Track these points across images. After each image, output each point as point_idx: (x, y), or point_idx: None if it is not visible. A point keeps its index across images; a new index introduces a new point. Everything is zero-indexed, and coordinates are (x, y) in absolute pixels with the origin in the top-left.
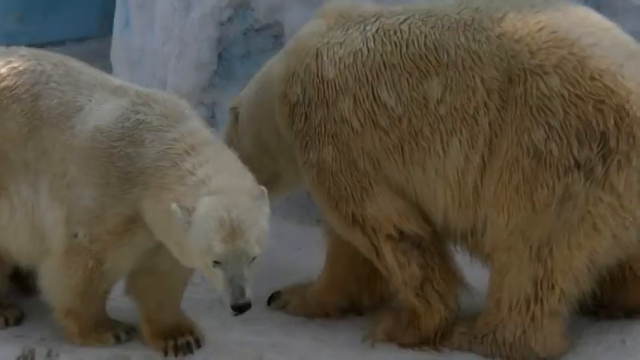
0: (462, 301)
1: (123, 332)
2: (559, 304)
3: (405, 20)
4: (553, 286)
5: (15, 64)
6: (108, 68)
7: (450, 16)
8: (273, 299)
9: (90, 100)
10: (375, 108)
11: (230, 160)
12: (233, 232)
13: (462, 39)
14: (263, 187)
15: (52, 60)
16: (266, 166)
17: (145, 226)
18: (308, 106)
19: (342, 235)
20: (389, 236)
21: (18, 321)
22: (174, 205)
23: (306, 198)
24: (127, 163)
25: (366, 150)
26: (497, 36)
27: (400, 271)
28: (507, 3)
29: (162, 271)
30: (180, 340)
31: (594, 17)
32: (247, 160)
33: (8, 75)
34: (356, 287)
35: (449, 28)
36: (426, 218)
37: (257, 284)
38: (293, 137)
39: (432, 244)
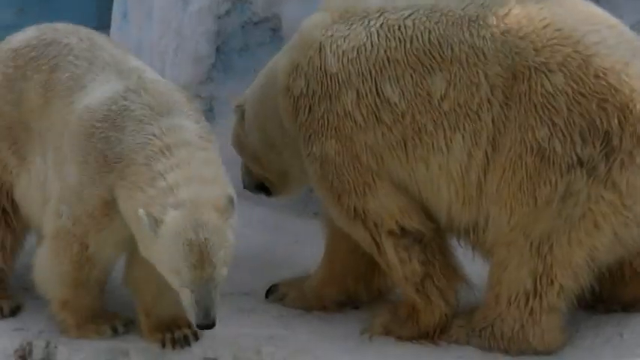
0: (460, 295)
1: (120, 324)
2: (558, 300)
3: (410, 16)
4: (552, 282)
5: (45, 36)
6: None
7: (455, 12)
8: (270, 292)
9: (94, 79)
10: (378, 103)
11: (203, 164)
12: (201, 257)
13: (467, 35)
14: (231, 194)
15: (80, 34)
16: (273, 164)
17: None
18: (311, 99)
19: (344, 229)
20: (390, 232)
21: (13, 312)
22: (141, 211)
23: (303, 191)
24: (105, 147)
25: (369, 144)
26: (502, 33)
27: (401, 266)
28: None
29: (152, 265)
30: (178, 333)
31: (600, 14)
32: (255, 158)
33: (37, 46)
34: (353, 281)
35: (453, 24)
36: (428, 214)
37: (255, 277)
38: (297, 130)
39: (433, 240)
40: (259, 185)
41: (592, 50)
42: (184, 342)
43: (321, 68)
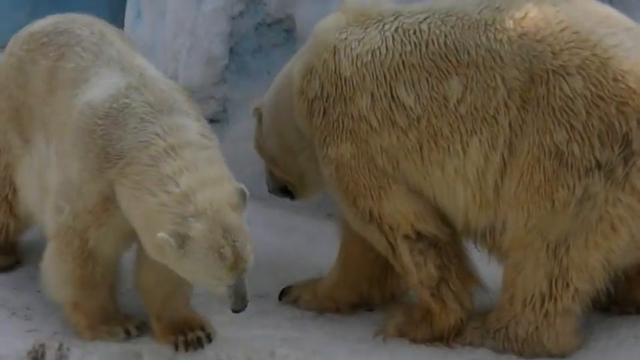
0: (475, 298)
1: (133, 327)
2: (573, 302)
3: (425, 20)
4: (568, 285)
5: (60, 25)
6: None
7: (471, 16)
8: (284, 294)
9: (97, 73)
10: (394, 107)
11: (208, 163)
12: (235, 259)
13: (483, 39)
14: (240, 187)
15: (93, 27)
16: (291, 168)
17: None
18: (326, 102)
19: (359, 232)
20: (406, 236)
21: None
22: (164, 236)
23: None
24: (107, 143)
25: (384, 148)
26: (519, 36)
27: (416, 270)
28: (529, 2)
29: (160, 266)
30: (191, 335)
31: (616, 17)
32: (274, 161)
33: (50, 33)
34: (367, 284)
35: (469, 27)
36: (444, 218)
37: (268, 279)
38: (312, 133)
39: (448, 245)
40: (282, 189)
41: (610, 53)
42: (197, 344)
43: (335, 71)
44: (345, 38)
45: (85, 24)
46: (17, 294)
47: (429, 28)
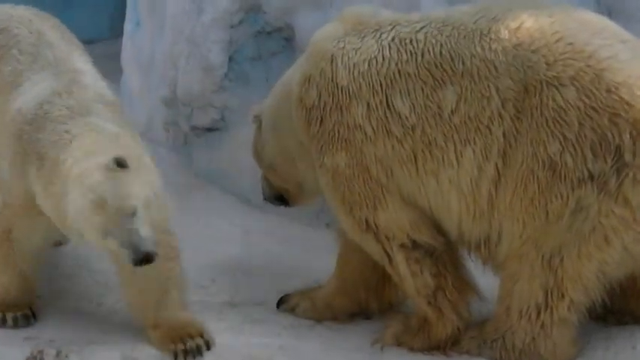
0: (472, 307)
1: (14, 317)
2: (569, 313)
3: (421, 29)
4: (563, 295)
5: (1, 23)
6: (118, 70)
7: (466, 26)
8: (282, 302)
9: (30, 79)
10: (389, 116)
11: (108, 143)
12: (102, 201)
13: (478, 48)
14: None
15: (31, 26)
16: (290, 175)
17: None
18: (323, 111)
19: (356, 241)
20: (402, 245)
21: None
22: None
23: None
24: (29, 146)
25: (378, 157)
26: (514, 46)
27: (413, 279)
28: (524, 13)
29: (139, 273)
30: (190, 344)
31: (613, 29)
32: (272, 169)
33: None
34: (365, 292)
35: (465, 37)
36: (439, 228)
37: (266, 287)
38: (309, 141)
39: (444, 253)
40: (278, 197)
41: (604, 65)
42: (197, 352)
43: (332, 80)
44: (343, 47)
45: (22, 22)
46: None
47: (426, 38)
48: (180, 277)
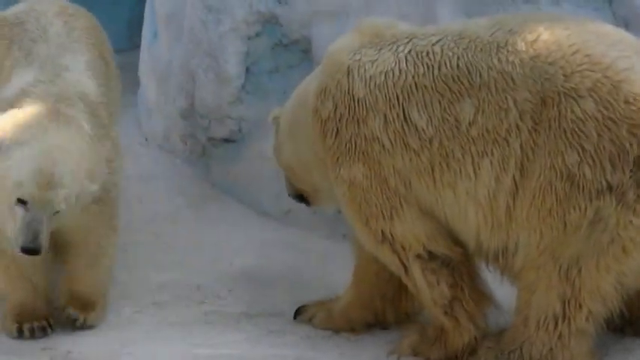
0: (489, 317)
1: (31, 328)
2: (586, 324)
3: (438, 42)
4: (580, 306)
5: (20, 16)
6: (136, 81)
7: (483, 38)
8: (299, 313)
9: (18, 74)
10: (406, 129)
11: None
12: (48, 180)
13: (495, 61)
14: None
15: (43, 19)
16: (306, 180)
17: None
18: (339, 122)
19: (372, 252)
20: (418, 256)
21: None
22: None
23: (332, 213)
24: None
25: (397, 169)
26: (531, 58)
27: (429, 290)
28: (541, 25)
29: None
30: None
31: (629, 40)
32: (290, 170)
33: (9, 21)
34: (381, 304)
35: (482, 49)
36: (456, 239)
37: (283, 298)
38: (325, 152)
39: (461, 264)
40: (299, 195)
41: (622, 76)
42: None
43: (348, 92)
44: (359, 59)
45: (38, 17)
46: None
47: (442, 50)
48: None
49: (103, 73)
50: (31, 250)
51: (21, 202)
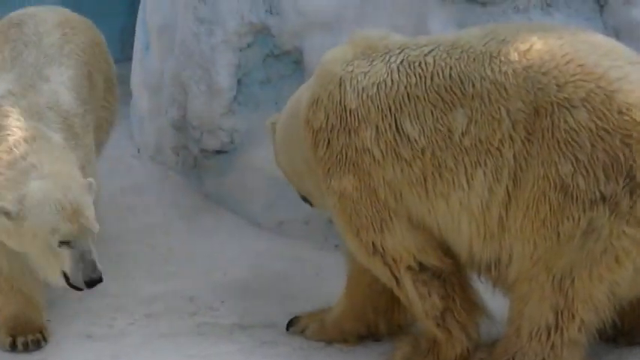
0: (481, 328)
1: (25, 341)
2: (579, 334)
3: (430, 52)
4: (573, 316)
5: (21, 18)
6: (128, 93)
7: (476, 48)
8: (291, 324)
9: (1, 77)
10: (398, 139)
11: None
12: (74, 212)
13: (488, 71)
14: (91, 180)
15: (42, 25)
16: (300, 185)
17: None
18: (330, 133)
19: (363, 264)
20: (409, 267)
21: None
22: (1, 204)
23: (324, 223)
24: None
25: (387, 180)
26: (524, 68)
27: (421, 301)
28: (534, 35)
29: None
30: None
31: (622, 50)
32: (287, 175)
33: (9, 24)
34: (374, 315)
35: (474, 60)
36: (447, 250)
37: (276, 309)
38: (316, 163)
39: (452, 275)
40: (303, 196)
41: (615, 86)
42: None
43: (340, 103)
44: (352, 71)
45: (38, 22)
46: None
47: (434, 61)
48: None
49: (85, 87)
50: (96, 281)
51: (64, 243)
